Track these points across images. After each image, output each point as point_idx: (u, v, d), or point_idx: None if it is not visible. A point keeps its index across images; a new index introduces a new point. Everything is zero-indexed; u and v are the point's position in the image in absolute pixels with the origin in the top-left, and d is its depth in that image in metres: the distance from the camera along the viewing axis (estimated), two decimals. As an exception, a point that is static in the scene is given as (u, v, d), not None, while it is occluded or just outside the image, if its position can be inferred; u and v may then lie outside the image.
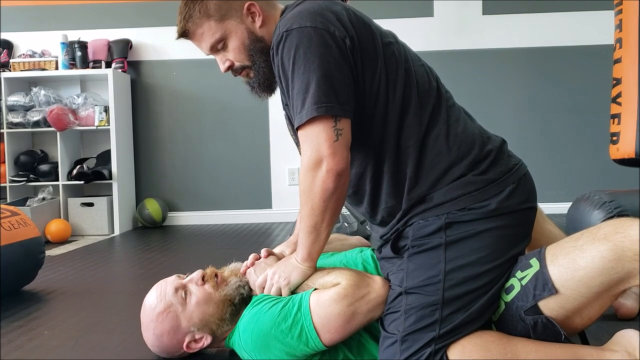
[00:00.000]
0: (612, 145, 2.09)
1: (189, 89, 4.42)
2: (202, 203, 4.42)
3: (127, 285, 2.57)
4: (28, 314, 2.04)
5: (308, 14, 1.24)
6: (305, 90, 1.20)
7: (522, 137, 4.20)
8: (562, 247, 1.17)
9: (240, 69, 1.38)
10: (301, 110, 1.21)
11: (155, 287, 1.46)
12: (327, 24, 1.23)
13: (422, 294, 1.20)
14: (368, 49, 1.27)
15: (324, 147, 1.20)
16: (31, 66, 4.22)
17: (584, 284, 1.12)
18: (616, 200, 1.97)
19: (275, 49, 1.25)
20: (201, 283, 1.41)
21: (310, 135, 1.21)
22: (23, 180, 4.05)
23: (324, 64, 1.20)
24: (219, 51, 1.38)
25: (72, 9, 4.38)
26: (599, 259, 1.09)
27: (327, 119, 1.20)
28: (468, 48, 4.24)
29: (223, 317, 1.39)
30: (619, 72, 2.05)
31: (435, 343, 1.16)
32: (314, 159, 1.21)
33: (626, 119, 2.01)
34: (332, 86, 1.21)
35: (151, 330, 1.42)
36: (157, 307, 1.40)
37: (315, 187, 1.22)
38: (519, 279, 1.19)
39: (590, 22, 4.17)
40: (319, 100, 1.20)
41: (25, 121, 4.05)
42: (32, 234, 2.35)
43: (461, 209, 1.23)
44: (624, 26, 2.03)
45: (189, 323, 1.39)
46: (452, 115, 1.32)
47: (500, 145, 1.33)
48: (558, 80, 4.26)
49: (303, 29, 1.21)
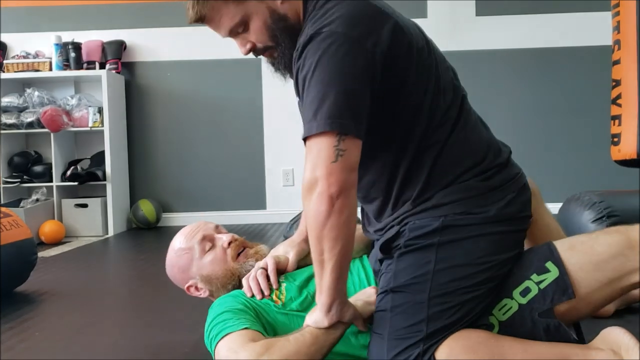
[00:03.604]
0: (614, 147, 2.10)
1: (183, 90, 4.42)
2: (197, 204, 4.42)
3: (120, 287, 2.57)
4: (19, 315, 2.04)
5: (345, 18, 1.14)
6: (320, 100, 1.11)
7: (516, 138, 4.18)
8: (577, 240, 1.24)
9: (262, 50, 1.28)
10: (311, 121, 1.12)
11: (191, 226, 1.55)
12: (362, 34, 1.13)
13: (408, 292, 1.19)
14: (401, 60, 1.18)
15: (321, 167, 1.10)
16: (25, 67, 4.22)
17: (599, 267, 1.18)
18: (606, 201, 1.98)
19: (301, 50, 1.16)
20: (226, 246, 1.49)
21: (313, 150, 1.12)
22: (17, 182, 4.04)
23: (347, 79, 1.12)
24: (239, 34, 1.26)
25: (66, 10, 4.37)
26: (615, 245, 1.17)
27: (330, 137, 1.10)
28: (461, 49, 4.25)
29: (225, 285, 1.46)
30: (619, 74, 2.06)
31: (424, 343, 1.15)
32: (308, 180, 1.12)
33: (627, 120, 2.02)
34: (350, 103, 1.12)
35: (170, 256, 1.54)
36: (182, 242, 1.51)
37: (308, 212, 1.13)
38: (536, 283, 1.19)
39: (585, 23, 4.19)
40: (333, 114, 1.10)
41: (19, 122, 4.04)
42: (24, 235, 2.34)
43: (460, 212, 1.22)
44: (622, 28, 2.04)
45: (197, 271, 1.49)
46: (469, 122, 1.30)
47: (508, 157, 1.34)
48: (552, 82, 4.27)
49: (334, 34, 1.12)
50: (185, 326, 1.81)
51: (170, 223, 4.39)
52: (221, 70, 4.36)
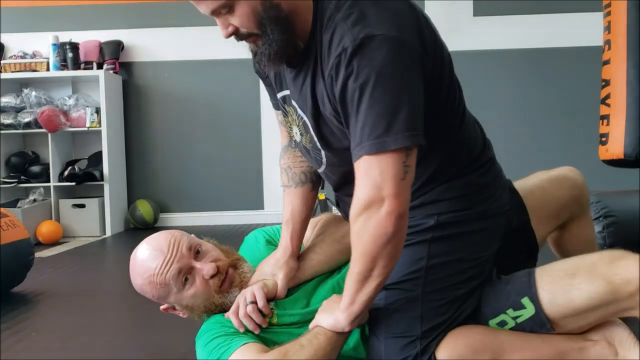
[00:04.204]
0: (601, 146, 2.10)
1: (181, 90, 4.42)
2: (194, 204, 4.41)
3: (117, 287, 2.57)
4: (16, 315, 2.03)
5: (391, 18, 1.06)
6: (393, 112, 1.03)
7: (513, 138, 4.21)
8: (558, 284, 1.15)
9: (246, 36, 1.15)
10: (384, 135, 1.02)
11: (161, 249, 1.30)
12: (412, 35, 1.07)
13: (402, 289, 1.19)
14: (433, 59, 1.13)
15: (389, 185, 1.03)
16: (22, 67, 4.21)
17: (581, 317, 1.15)
18: (602, 201, 1.99)
19: (351, 54, 1.04)
20: (208, 278, 1.31)
21: (374, 168, 1.04)
22: (14, 182, 4.04)
23: (413, 89, 1.06)
24: (221, 14, 1.13)
25: (64, 10, 4.36)
26: (598, 300, 1.11)
27: (399, 153, 1.03)
28: (459, 49, 4.23)
29: (208, 313, 1.36)
30: (608, 74, 2.06)
31: (421, 342, 1.15)
32: (370, 198, 1.04)
33: (615, 120, 2.02)
34: (419, 114, 1.06)
35: (139, 282, 1.34)
36: (153, 277, 1.29)
37: (369, 230, 1.05)
38: (512, 317, 1.18)
39: (582, 23, 4.19)
40: (411, 127, 1.03)
41: (16, 122, 4.04)
42: (21, 235, 2.34)
43: (454, 210, 1.21)
44: (613, 28, 2.04)
45: (175, 302, 1.34)
46: (469, 117, 1.29)
47: (493, 152, 1.34)
48: (549, 82, 4.28)
49: (390, 40, 1.03)
50: (182, 326, 1.80)
51: (168, 223, 4.39)
52: (219, 70, 4.36)
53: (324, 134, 1.22)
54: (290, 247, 1.37)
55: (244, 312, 1.25)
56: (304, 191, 1.43)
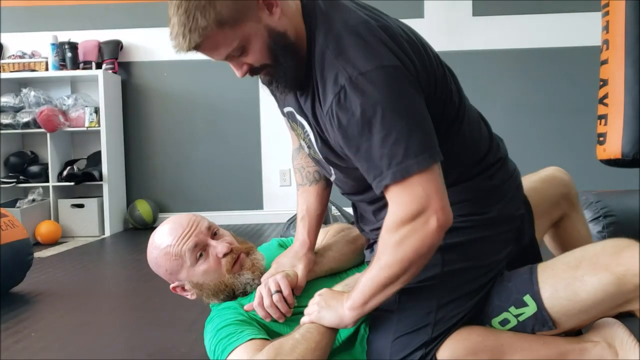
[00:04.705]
0: (599, 146, 2.11)
1: (180, 90, 4.41)
2: (193, 204, 4.41)
3: (116, 287, 2.57)
4: (15, 315, 2.03)
5: (377, 48, 1.08)
6: (407, 137, 1.05)
7: (512, 137, 4.18)
8: (560, 277, 1.15)
9: (260, 69, 1.18)
10: (404, 160, 1.05)
11: (181, 223, 1.38)
12: (401, 61, 1.09)
13: (417, 295, 1.19)
14: (424, 73, 1.16)
15: (436, 199, 1.05)
16: (21, 67, 4.21)
17: (584, 312, 1.14)
18: (602, 201, 1.99)
19: (345, 94, 1.07)
20: (221, 257, 1.37)
21: (416, 186, 1.05)
22: (13, 182, 4.04)
23: (417, 108, 1.09)
24: (234, 57, 1.15)
25: (63, 10, 4.36)
26: (602, 292, 1.10)
27: (434, 168, 1.06)
28: (458, 49, 4.25)
29: (216, 294, 1.38)
30: (606, 74, 2.07)
31: (426, 346, 1.16)
32: (418, 211, 1.05)
33: (613, 120, 2.03)
34: (431, 131, 1.09)
35: (154, 254, 1.41)
36: (170, 247, 1.37)
37: (414, 241, 1.07)
38: (514, 315, 1.19)
39: (581, 23, 4.19)
40: (429, 145, 1.06)
41: (15, 122, 4.03)
42: (20, 235, 2.34)
43: (463, 214, 1.20)
44: (611, 28, 2.05)
45: (187, 278, 1.39)
46: (471, 117, 1.28)
47: (506, 151, 1.34)
48: (548, 82, 4.28)
49: (382, 69, 1.06)
50: (182, 326, 1.81)
51: (167, 223, 4.38)
52: (218, 70, 4.35)
53: (329, 155, 1.24)
54: (308, 241, 1.40)
55: (270, 302, 1.27)
56: (318, 188, 1.45)
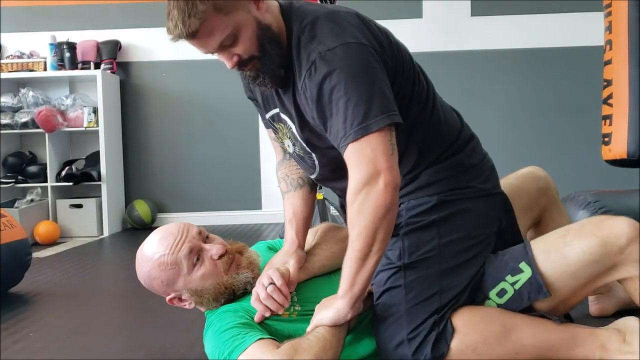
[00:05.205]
0: (604, 146, 2.11)
1: (179, 90, 4.41)
2: (192, 204, 4.41)
3: (115, 287, 2.56)
4: (13, 316, 2.03)
5: (346, 30, 1.21)
6: (367, 101, 1.15)
7: (511, 138, 4.22)
8: (551, 244, 1.26)
9: (248, 61, 1.27)
10: (365, 121, 1.14)
11: (171, 232, 1.38)
12: (367, 39, 1.22)
13: (420, 267, 1.26)
14: (389, 56, 1.27)
15: (382, 160, 1.14)
16: (19, 67, 4.21)
17: (574, 276, 1.23)
18: (600, 201, 1.99)
19: (317, 66, 1.19)
20: (217, 258, 1.36)
21: (365, 149, 1.14)
22: (11, 182, 4.03)
23: (379, 77, 1.19)
24: (226, 48, 1.25)
25: (61, 10, 4.35)
26: (589, 253, 1.20)
27: (384, 132, 1.15)
28: (457, 49, 4.26)
29: (217, 297, 1.36)
30: (610, 74, 2.07)
31: (438, 312, 1.22)
32: (369, 174, 1.14)
33: (618, 120, 2.03)
34: (391, 97, 1.19)
35: (146, 268, 1.38)
36: (164, 256, 1.34)
37: (370, 204, 1.14)
38: (510, 284, 1.26)
39: (579, 23, 4.20)
40: (387, 109, 1.16)
41: (13, 122, 4.03)
42: (18, 235, 2.34)
43: (450, 189, 1.30)
44: (614, 28, 2.05)
45: (184, 286, 1.36)
46: (443, 102, 1.40)
47: (473, 134, 1.44)
48: (547, 82, 4.28)
49: (349, 45, 1.19)
50: (181, 326, 1.81)
51: (166, 223, 4.37)
52: (217, 70, 4.33)
53: (310, 138, 1.32)
54: (297, 240, 1.44)
55: (265, 294, 1.29)
56: (303, 192, 1.52)
